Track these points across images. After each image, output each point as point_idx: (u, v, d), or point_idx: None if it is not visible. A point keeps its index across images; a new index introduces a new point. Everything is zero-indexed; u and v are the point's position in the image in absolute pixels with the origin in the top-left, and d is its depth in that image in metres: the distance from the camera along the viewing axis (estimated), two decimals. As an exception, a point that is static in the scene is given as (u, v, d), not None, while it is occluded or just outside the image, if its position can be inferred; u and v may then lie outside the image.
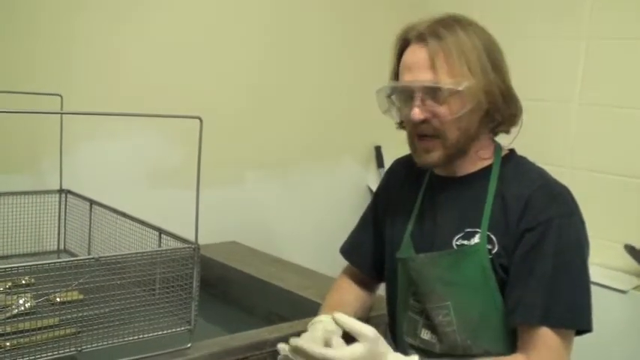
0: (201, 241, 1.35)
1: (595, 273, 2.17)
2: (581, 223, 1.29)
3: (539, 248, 1.22)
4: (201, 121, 1.24)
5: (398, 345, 1.40)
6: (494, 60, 1.26)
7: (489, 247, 1.24)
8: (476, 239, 1.26)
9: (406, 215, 1.41)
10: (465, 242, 1.27)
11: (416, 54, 1.26)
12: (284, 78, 2.47)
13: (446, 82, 1.22)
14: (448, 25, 1.26)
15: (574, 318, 1.22)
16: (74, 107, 1.75)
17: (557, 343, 1.20)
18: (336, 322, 1.18)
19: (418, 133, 1.29)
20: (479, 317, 1.25)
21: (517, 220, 1.24)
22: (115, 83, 2.03)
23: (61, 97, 1.67)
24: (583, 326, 1.22)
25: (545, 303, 1.20)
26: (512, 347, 1.25)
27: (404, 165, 1.47)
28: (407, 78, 1.27)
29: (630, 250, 2.19)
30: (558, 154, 2.39)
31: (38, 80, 1.84)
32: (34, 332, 1.18)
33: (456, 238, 1.29)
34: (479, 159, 1.33)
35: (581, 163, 2.36)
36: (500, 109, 1.27)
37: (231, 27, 2.31)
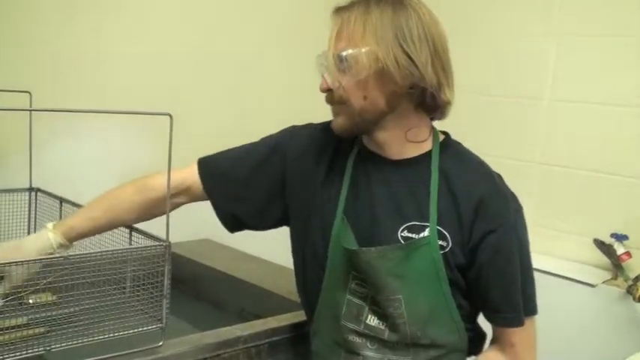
0: (173, 239, 1.34)
1: (565, 267, 2.23)
2: (522, 212, 1.34)
3: (505, 250, 1.26)
4: (171, 117, 1.23)
5: (326, 327, 1.36)
6: (404, 33, 1.21)
7: (442, 242, 1.25)
8: (425, 233, 1.25)
9: (334, 189, 1.36)
10: (413, 235, 1.26)
11: (330, 26, 1.28)
12: (255, 75, 2.47)
13: (335, 51, 1.24)
14: (366, 1, 1.25)
15: (535, 306, 1.33)
16: (44, 105, 1.72)
17: (533, 327, 1.32)
18: None
19: (328, 102, 1.31)
20: (429, 310, 1.26)
21: (471, 220, 1.25)
22: (84, 81, 2.01)
23: (30, 94, 1.65)
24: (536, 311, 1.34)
25: (523, 301, 1.29)
26: (459, 336, 1.31)
27: (328, 136, 1.39)
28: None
29: (599, 244, 2.22)
30: (529, 150, 2.41)
31: (7, 78, 1.81)
32: (2, 332, 1.17)
33: (401, 229, 1.27)
34: (411, 142, 1.31)
35: (551, 159, 2.39)
36: (401, 84, 1.23)
37: (202, 23, 2.30)
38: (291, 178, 1.43)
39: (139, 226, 1.42)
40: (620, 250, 2.18)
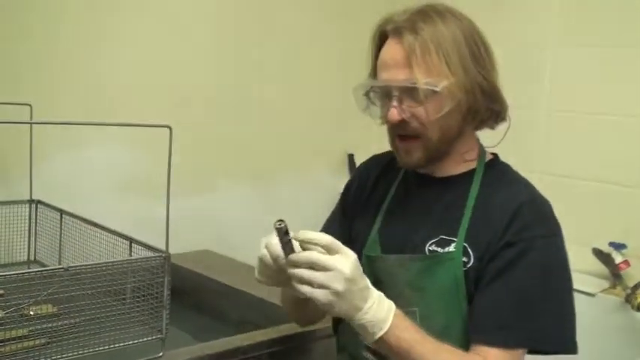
0: (174, 250, 1.35)
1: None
2: (563, 243, 1.24)
3: (520, 266, 1.16)
4: (170, 129, 1.25)
5: (349, 343, 1.33)
6: (476, 53, 1.19)
7: (464, 259, 1.20)
8: (451, 248, 1.21)
9: (375, 210, 1.35)
10: (439, 249, 1.23)
11: (392, 50, 1.19)
12: (255, 85, 2.48)
13: (423, 82, 1.15)
14: (427, 16, 1.19)
15: (558, 343, 1.19)
16: (44, 117, 1.74)
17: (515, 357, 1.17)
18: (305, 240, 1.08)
19: (398, 133, 1.24)
20: (443, 325, 1.21)
21: (502, 231, 1.18)
22: (85, 93, 2.02)
23: (31, 106, 1.66)
24: (569, 350, 1.19)
25: (526, 326, 1.16)
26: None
27: (380, 162, 1.40)
28: (384, 76, 1.20)
29: (598, 253, 2.22)
30: (527, 159, 2.42)
31: (7, 90, 1.82)
32: (3, 343, 1.18)
33: (430, 243, 1.24)
34: (462, 160, 1.28)
35: (549, 168, 2.40)
36: (482, 106, 1.22)
37: (201, 34, 2.31)
38: (350, 213, 1.43)
39: (138, 236, 1.43)
40: (618, 259, 2.18)
